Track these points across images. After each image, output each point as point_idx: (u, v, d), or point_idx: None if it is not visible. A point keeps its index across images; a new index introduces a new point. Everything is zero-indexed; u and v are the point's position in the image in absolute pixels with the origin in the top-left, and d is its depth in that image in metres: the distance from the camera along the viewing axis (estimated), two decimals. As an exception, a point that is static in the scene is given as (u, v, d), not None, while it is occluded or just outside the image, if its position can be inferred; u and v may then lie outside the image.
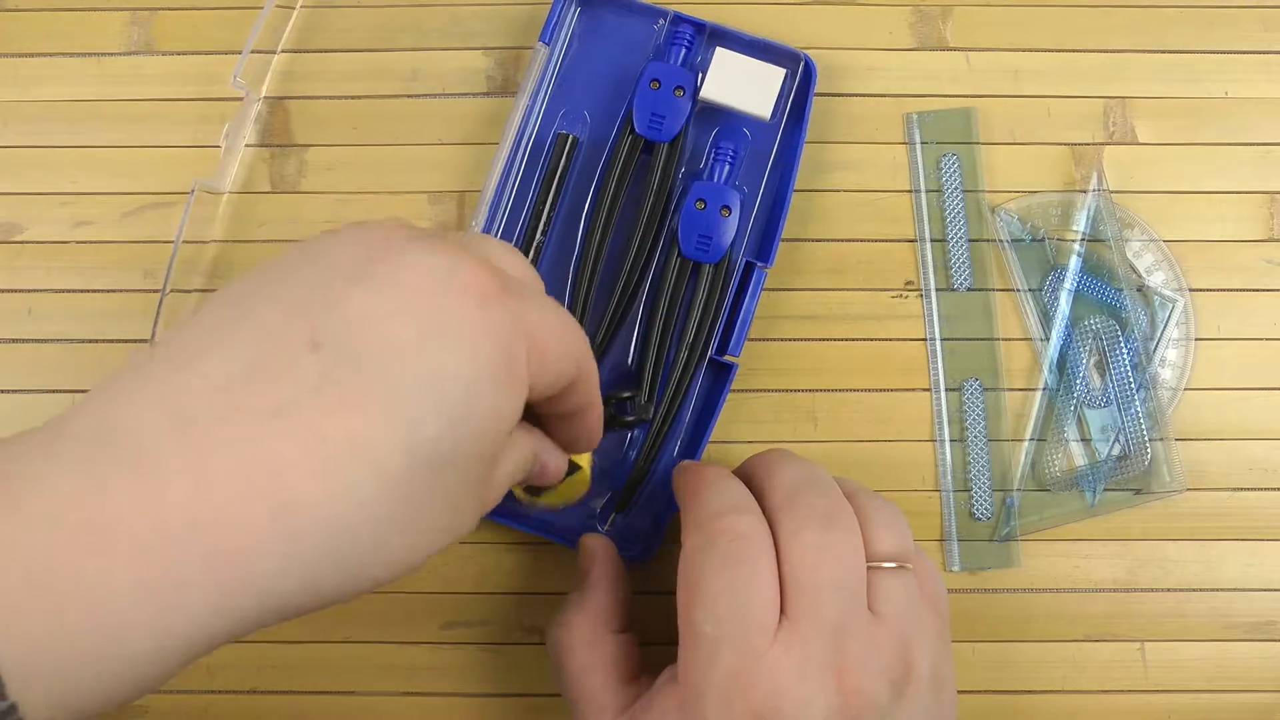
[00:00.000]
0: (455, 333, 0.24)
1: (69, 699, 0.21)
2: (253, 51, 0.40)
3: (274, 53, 0.41)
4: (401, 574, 0.25)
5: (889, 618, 0.30)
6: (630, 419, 0.38)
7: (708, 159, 0.40)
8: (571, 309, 0.39)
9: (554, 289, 0.39)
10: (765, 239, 0.39)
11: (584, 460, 0.36)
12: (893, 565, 0.31)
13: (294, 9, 0.41)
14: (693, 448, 0.39)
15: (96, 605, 0.20)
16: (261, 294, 0.24)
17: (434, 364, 0.23)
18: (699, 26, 0.39)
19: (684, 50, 0.39)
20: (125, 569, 0.21)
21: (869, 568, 0.31)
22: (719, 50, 0.39)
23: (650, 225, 0.39)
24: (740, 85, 0.39)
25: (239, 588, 0.22)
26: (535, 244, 0.39)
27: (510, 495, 0.37)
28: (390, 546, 0.24)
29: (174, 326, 0.25)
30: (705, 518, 0.31)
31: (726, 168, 0.39)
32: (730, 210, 0.38)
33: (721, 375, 0.39)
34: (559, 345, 0.27)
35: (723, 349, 0.38)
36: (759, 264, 0.39)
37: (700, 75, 0.39)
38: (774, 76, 0.39)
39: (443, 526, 0.25)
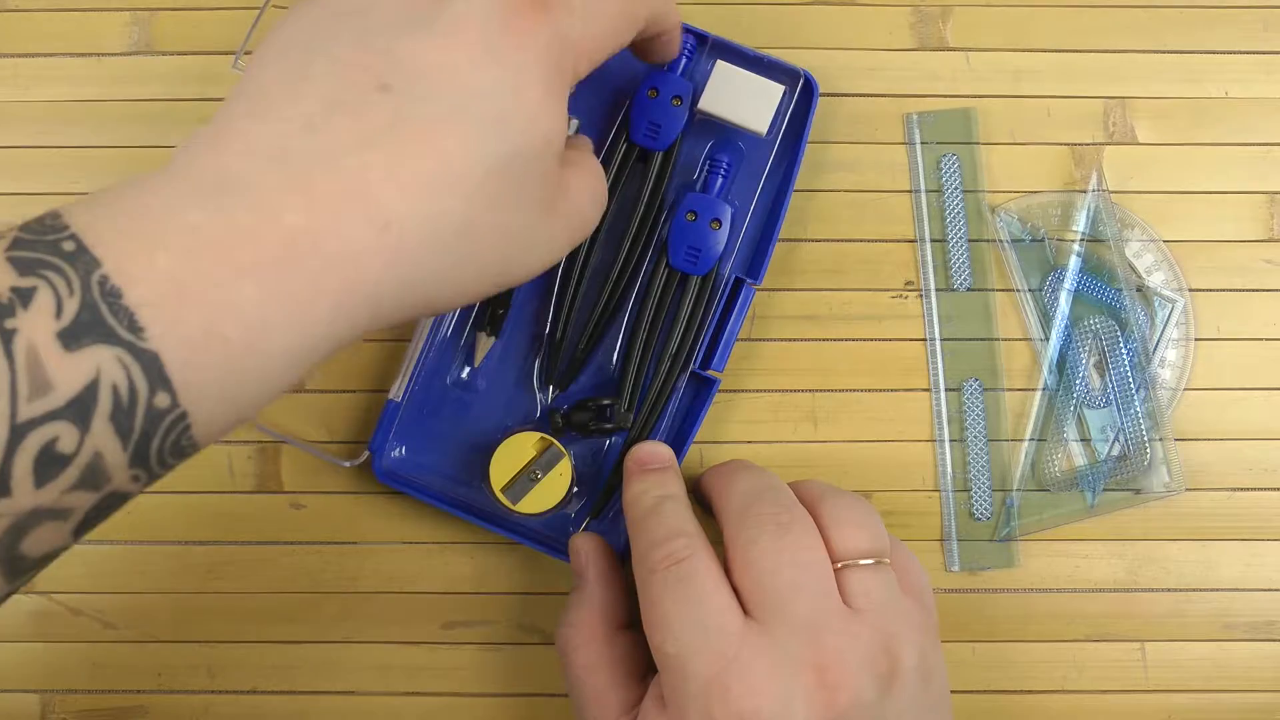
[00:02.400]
0: (503, 63, 0.27)
1: (222, 405, 0.24)
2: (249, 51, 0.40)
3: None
4: (485, 290, 0.29)
5: (867, 612, 0.30)
6: (609, 426, 0.38)
7: (702, 170, 0.39)
8: (557, 313, 0.39)
9: (541, 293, 0.39)
10: (756, 256, 0.39)
11: (564, 469, 0.37)
12: (868, 561, 0.31)
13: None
14: None
15: (243, 314, 0.23)
16: (317, 46, 0.27)
17: (488, 92, 0.26)
18: (701, 38, 0.39)
19: (684, 60, 0.39)
20: (261, 282, 0.24)
21: (844, 565, 0.31)
22: (719, 63, 0.39)
23: (640, 234, 0.39)
24: (739, 99, 0.38)
25: (352, 297, 0.25)
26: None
27: (496, 502, 0.37)
28: (474, 258, 0.27)
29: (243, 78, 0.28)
30: (645, 550, 0.32)
31: (720, 180, 0.39)
32: (721, 223, 0.38)
33: (704, 389, 0.39)
34: (601, 31, 0.30)
35: (706, 363, 0.38)
36: (748, 281, 0.38)
37: (699, 87, 0.39)
38: (773, 92, 0.38)
39: (522, 241, 0.28)
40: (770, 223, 0.39)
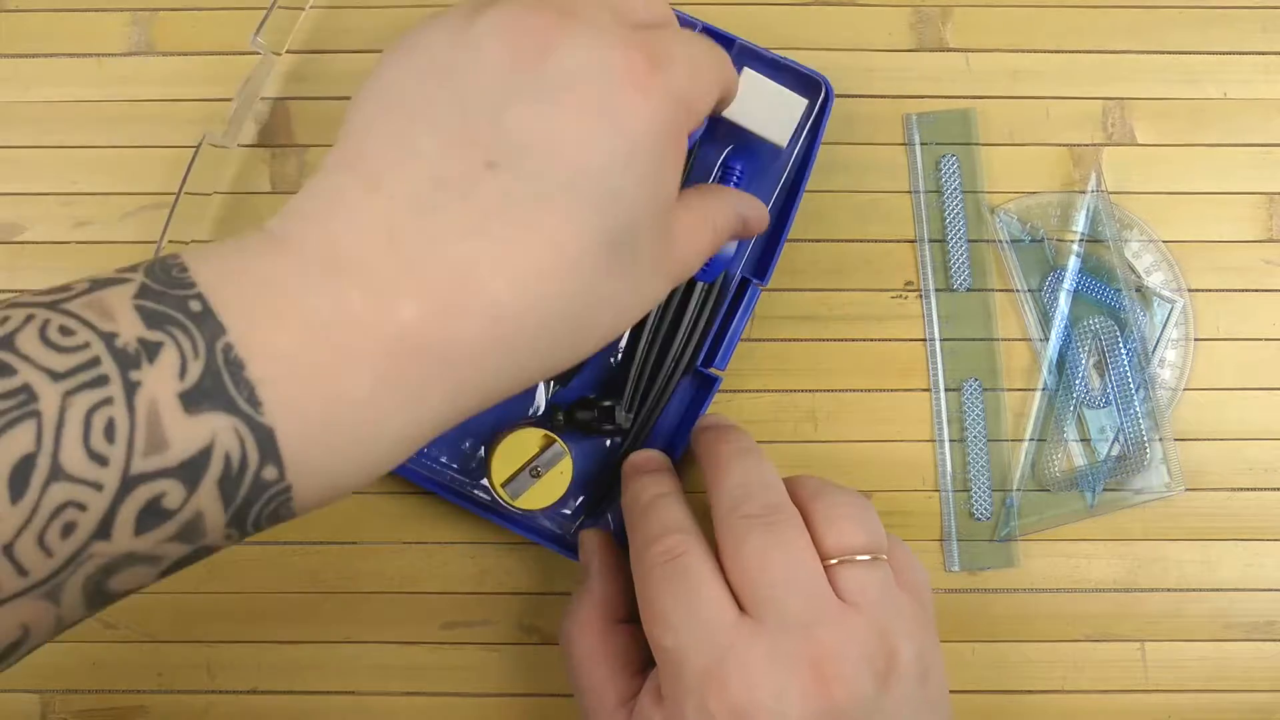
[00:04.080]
0: (617, 133, 0.26)
1: (325, 482, 0.24)
2: (254, 50, 0.40)
3: (279, 55, 0.41)
4: (594, 351, 0.28)
5: (864, 607, 0.31)
6: (610, 428, 0.38)
7: (715, 176, 0.39)
8: None
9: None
10: (764, 257, 0.39)
11: (565, 467, 0.37)
12: (865, 557, 0.31)
13: (303, 10, 0.41)
14: (670, 455, 0.38)
15: (357, 400, 0.24)
16: (419, 111, 0.26)
17: (601, 163, 0.25)
18: (728, 42, 0.38)
19: None
20: (375, 370, 0.24)
21: (839, 561, 0.31)
22: (746, 70, 0.37)
23: None
24: (763, 110, 0.37)
25: (464, 386, 0.25)
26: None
27: (495, 497, 0.37)
28: (583, 332, 0.27)
29: (343, 129, 0.27)
30: (642, 546, 0.33)
31: (733, 186, 0.39)
32: None
33: (705, 386, 0.39)
34: (708, 88, 0.29)
35: (709, 362, 0.38)
36: (755, 281, 0.38)
37: None
38: (796, 105, 0.38)
39: (628, 305, 0.28)
40: (780, 225, 0.39)
